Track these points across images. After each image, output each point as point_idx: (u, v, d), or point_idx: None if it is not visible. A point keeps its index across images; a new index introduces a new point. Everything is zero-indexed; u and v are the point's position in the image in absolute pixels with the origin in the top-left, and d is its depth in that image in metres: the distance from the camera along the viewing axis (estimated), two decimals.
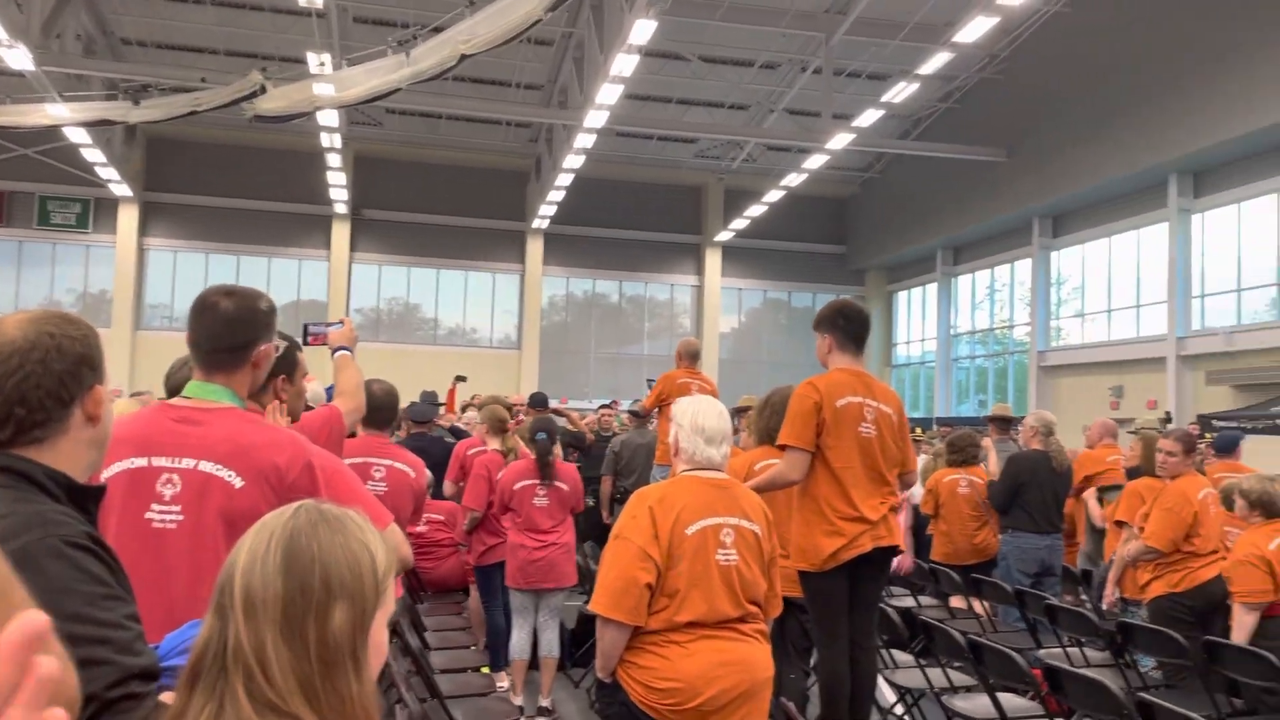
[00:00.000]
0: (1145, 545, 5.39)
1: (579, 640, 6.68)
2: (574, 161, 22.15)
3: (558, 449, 5.96)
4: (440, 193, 27.93)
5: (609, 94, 17.43)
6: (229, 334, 2.18)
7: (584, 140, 20.50)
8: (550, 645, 5.84)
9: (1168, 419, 15.17)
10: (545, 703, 5.75)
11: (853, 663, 3.95)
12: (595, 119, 18.71)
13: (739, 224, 28.60)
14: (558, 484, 5.78)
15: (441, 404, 11.14)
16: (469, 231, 28.41)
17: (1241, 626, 4.83)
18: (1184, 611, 5.23)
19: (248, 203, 26.82)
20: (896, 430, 4.07)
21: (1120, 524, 6.05)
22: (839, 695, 3.93)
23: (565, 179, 23.60)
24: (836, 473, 3.91)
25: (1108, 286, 22.00)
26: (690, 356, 7.71)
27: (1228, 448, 7.86)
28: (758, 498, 3.19)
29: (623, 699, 2.91)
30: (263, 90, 16.38)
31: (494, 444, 6.31)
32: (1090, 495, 7.23)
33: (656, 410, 7.69)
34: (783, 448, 4.00)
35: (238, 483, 2.06)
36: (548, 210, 26.58)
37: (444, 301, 29.14)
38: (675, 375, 7.59)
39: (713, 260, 30.44)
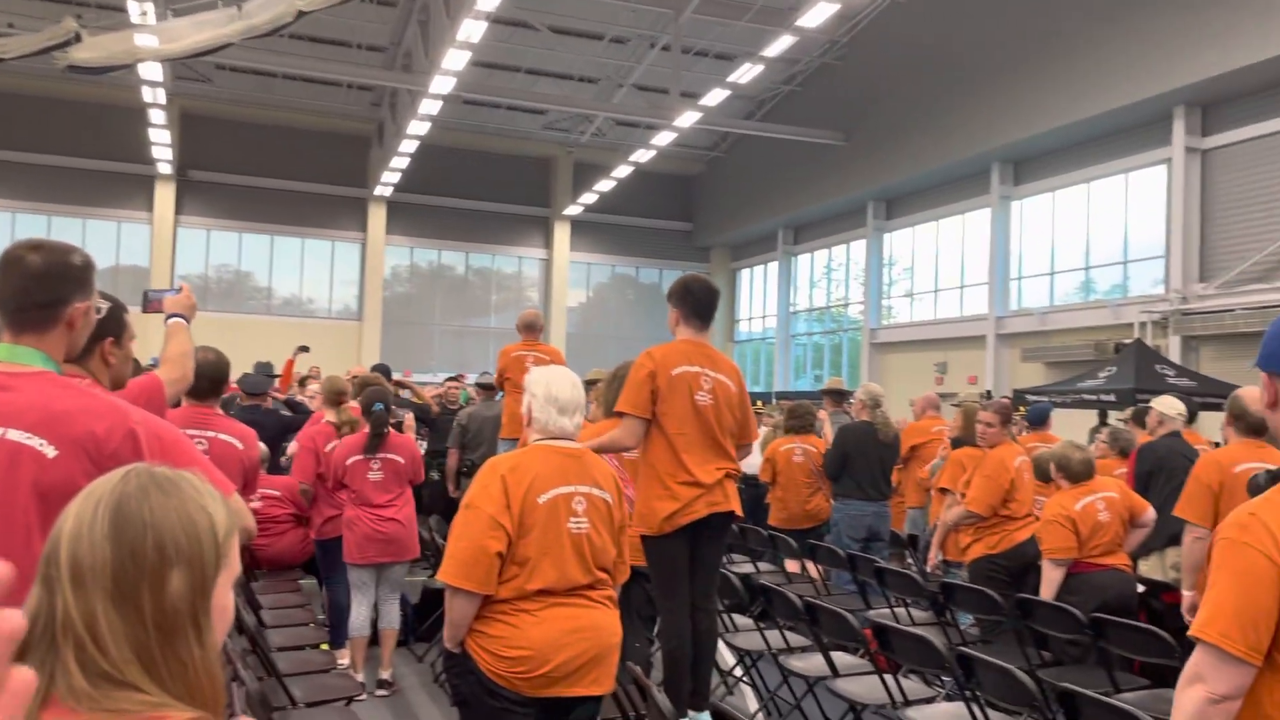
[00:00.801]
0: (966, 510, 5.74)
1: (423, 615, 6.60)
2: (419, 128, 21.59)
3: (411, 419, 5.83)
4: (275, 156, 26.69)
5: (456, 60, 17.04)
6: (38, 290, 2.01)
7: (429, 106, 20.00)
8: (390, 618, 5.74)
9: (988, 396, 16.14)
10: (385, 675, 5.66)
11: (694, 625, 4.06)
12: (441, 85, 18.27)
13: (588, 198, 28.60)
14: (392, 456, 5.66)
15: (277, 375, 10.71)
16: (306, 197, 27.30)
17: (1049, 582, 5.22)
18: (1000, 571, 5.61)
19: (60, 159, 24.94)
20: (736, 401, 4.18)
21: (943, 491, 6.42)
22: (681, 658, 4.03)
23: (410, 146, 22.99)
24: (671, 439, 4.00)
25: (935, 268, 23.19)
26: (526, 328, 7.68)
27: (1039, 420, 8.45)
28: (609, 466, 3.22)
29: (471, 668, 2.89)
30: (77, 39, 15.19)
31: (329, 416, 6.14)
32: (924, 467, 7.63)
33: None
34: (620, 415, 4.06)
35: (50, 452, 1.92)
36: (391, 178, 25.85)
37: (279, 270, 27.96)
38: (511, 349, 7.58)
39: (561, 234, 30.38)
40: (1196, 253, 16.30)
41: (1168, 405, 6.57)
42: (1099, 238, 18.78)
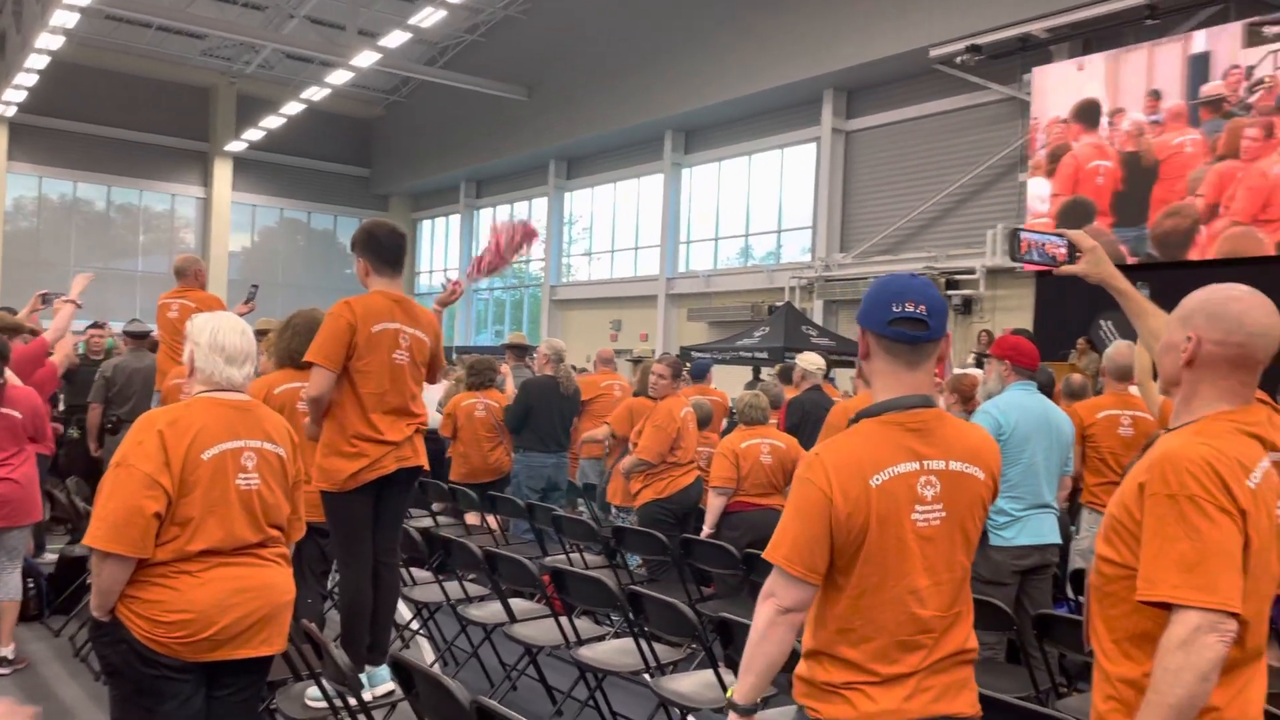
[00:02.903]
0: (638, 458, 6.06)
1: (60, 586, 5.94)
2: (49, 41, 18.98)
3: (10, 373, 5.13)
4: None
5: None
6: None
7: (63, 18, 17.63)
8: (11, 589, 5.10)
9: (665, 355, 17.01)
10: (6, 652, 5.04)
11: (376, 579, 3.98)
12: None
13: (253, 135, 26.66)
14: (6, 411, 5.00)
15: None
16: None
17: (711, 509, 5.70)
18: (667, 515, 6.00)
19: None
20: (429, 353, 4.13)
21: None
22: (361, 614, 3.94)
23: (38, 61, 20.18)
24: (362, 396, 3.87)
25: (612, 229, 24.01)
26: (176, 273, 7.09)
27: (700, 374, 9.07)
28: (282, 419, 3.06)
29: (124, 636, 2.66)
30: None
31: None
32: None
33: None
34: (310, 365, 3.86)
35: None
36: (14, 96, 22.59)
37: None
38: (160, 299, 6.99)
39: (222, 171, 28.09)
40: (839, 225, 18.12)
41: (809, 361, 7.30)
42: (758, 207, 20.32)
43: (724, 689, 3.53)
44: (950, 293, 15.55)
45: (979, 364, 10.99)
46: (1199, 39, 12.87)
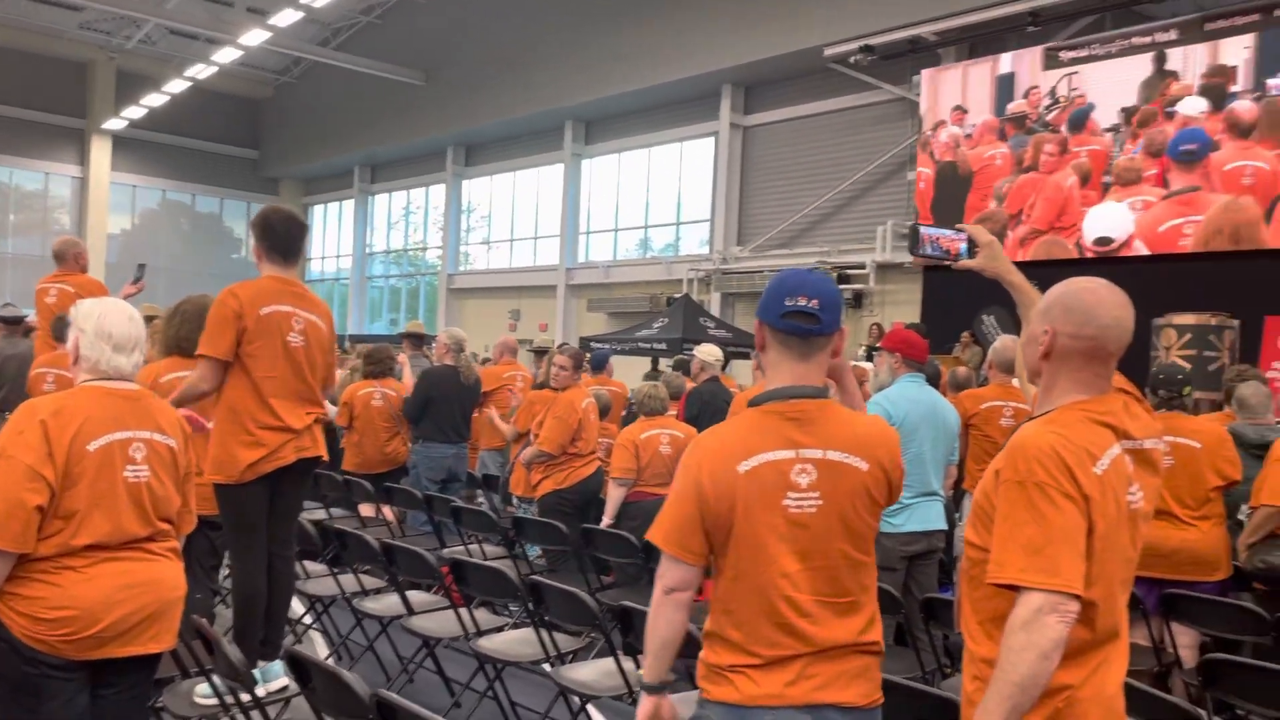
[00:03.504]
0: (539, 449, 6.06)
1: None
2: None
3: None
4: None
5: None
6: None
7: None
8: None
9: (566, 346, 16.97)
10: None
11: (270, 572, 3.89)
12: None
13: (134, 112, 25.55)
14: None
15: None
16: None
17: (611, 500, 5.75)
18: (568, 505, 6.02)
19: None
20: (326, 342, 4.03)
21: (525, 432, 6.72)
22: (254, 608, 3.85)
23: None
24: (258, 383, 3.76)
25: (511, 218, 23.83)
26: (56, 257, 6.81)
27: (600, 365, 9.10)
28: (174, 411, 2.96)
29: (3, 635, 2.55)
30: None
31: None
32: (493, 411, 7.84)
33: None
34: (199, 357, 3.74)
35: None
36: None
37: None
38: (39, 283, 6.71)
39: (100, 150, 26.84)
40: (736, 219, 18.38)
41: (707, 353, 7.41)
42: (657, 199, 20.45)
43: (624, 676, 3.58)
44: (842, 287, 15.96)
45: (869, 357, 11.33)
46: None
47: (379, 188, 27.75)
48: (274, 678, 3.89)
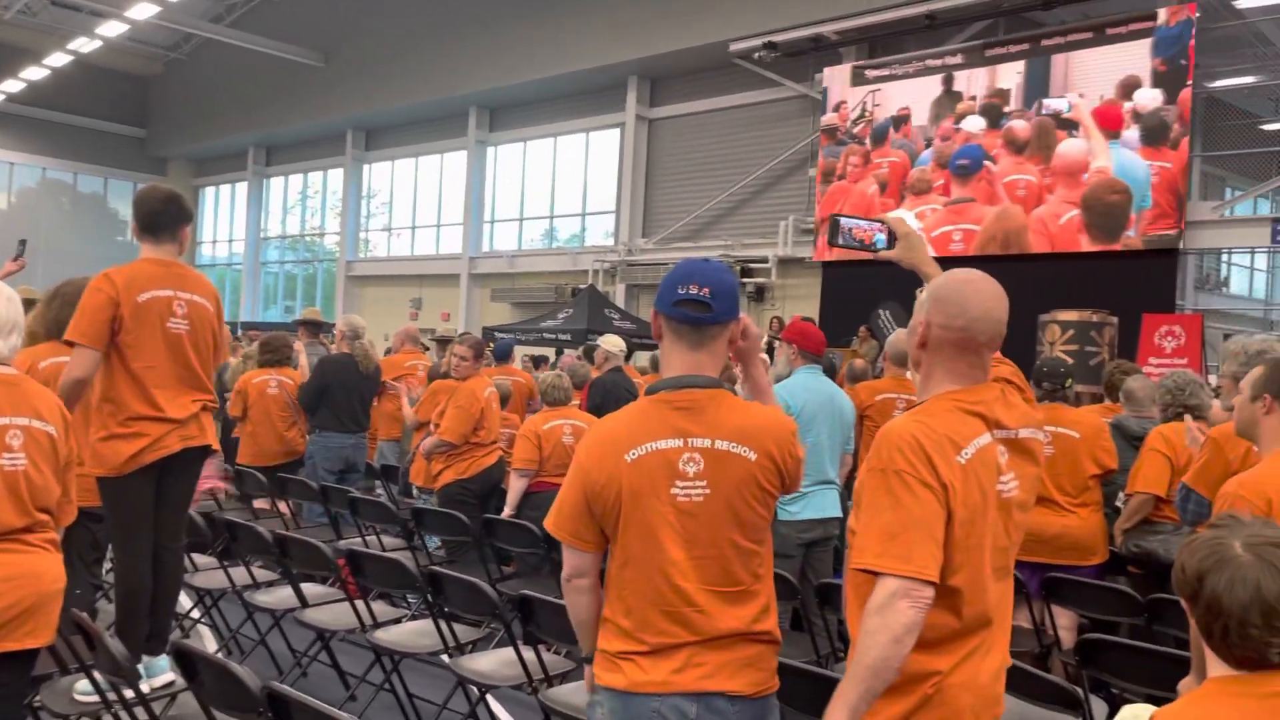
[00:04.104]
0: (440, 439, 5.98)
1: None
2: None
3: None
4: None
5: None
6: None
7: None
8: None
9: (466, 335, 16.82)
10: None
11: (157, 564, 3.74)
12: None
13: (12, 86, 24.29)
14: None
15: None
16: None
17: (513, 490, 5.71)
18: (469, 495, 5.95)
19: None
20: (213, 323, 3.88)
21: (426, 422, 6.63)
22: (139, 602, 3.70)
23: None
24: (138, 372, 3.60)
25: (413, 204, 23.44)
26: None
27: (504, 355, 9.04)
28: (54, 396, 2.83)
29: None
30: None
31: None
32: (404, 398, 7.67)
33: None
34: (70, 344, 3.55)
35: None
36: None
37: None
38: None
39: None
40: (641, 211, 18.45)
41: (611, 343, 7.43)
42: (563, 189, 20.38)
43: (524, 666, 3.57)
44: (744, 280, 16.17)
45: (770, 349, 11.52)
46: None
47: (274, 170, 26.96)
48: (159, 673, 3.76)
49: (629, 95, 18.14)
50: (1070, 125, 13.15)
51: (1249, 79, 14.12)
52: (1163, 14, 12.42)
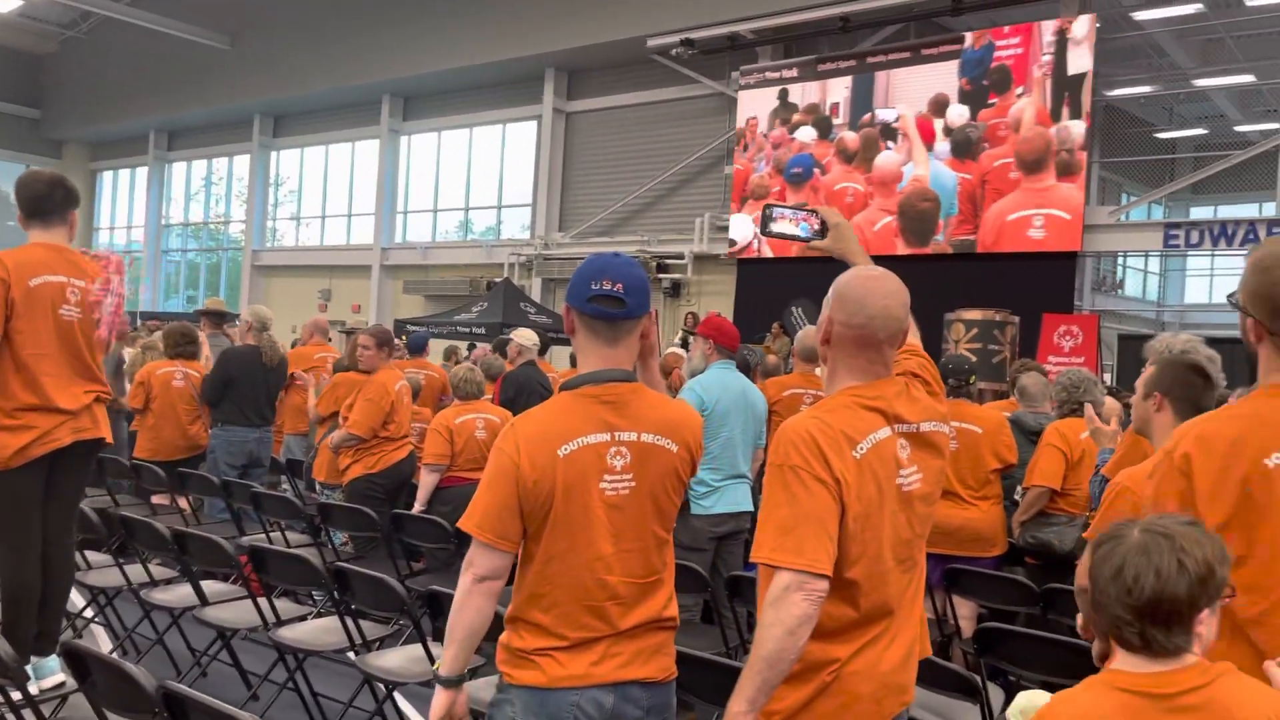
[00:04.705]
0: (348, 433, 5.86)
1: None
2: None
3: None
4: None
5: None
6: None
7: None
8: None
9: (375, 326, 16.53)
10: None
11: (46, 561, 3.58)
12: None
13: None
14: None
15: None
16: None
17: (424, 486, 5.63)
18: (378, 490, 5.84)
19: None
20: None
21: (332, 415, 6.48)
22: (26, 601, 3.54)
23: None
24: (26, 360, 3.45)
25: (323, 193, 22.92)
26: None
27: (417, 348, 8.89)
28: None
29: None
30: None
31: None
32: (310, 391, 7.50)
33: None
34: None
35: None
36: None
37: None
38: None
39: None
40: (558, 205, 18.37)
41: (525, 337, 7.38)
42: (478, 181, 20.17)
43: (432, 662, 3.52)
44: (660, 276, 16.24)
45: (686, 344, 11.58)
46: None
47: (177, 155, 26.07)
48: (49, 674, 3.61)
49: (546, 88, 18.04)
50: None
51: (1145, 89, 14.75)
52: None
